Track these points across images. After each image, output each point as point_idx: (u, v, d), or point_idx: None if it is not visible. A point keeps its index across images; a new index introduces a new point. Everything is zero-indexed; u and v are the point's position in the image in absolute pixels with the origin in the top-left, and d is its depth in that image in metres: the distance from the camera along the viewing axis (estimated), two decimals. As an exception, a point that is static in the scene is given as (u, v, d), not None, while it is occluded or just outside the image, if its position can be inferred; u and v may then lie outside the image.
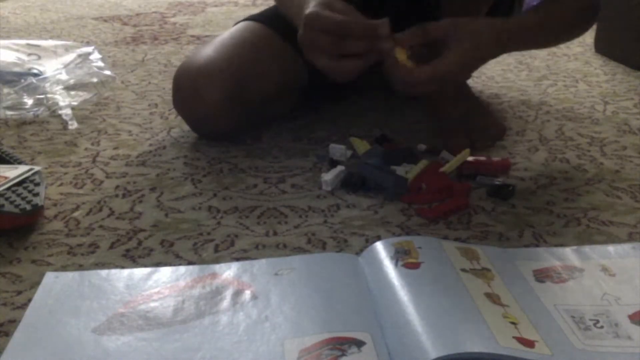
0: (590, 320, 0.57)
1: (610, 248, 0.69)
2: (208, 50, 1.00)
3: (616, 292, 0.61)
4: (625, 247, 0.69)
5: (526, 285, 0.62)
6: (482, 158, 0.91)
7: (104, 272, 0.65)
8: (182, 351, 0.53)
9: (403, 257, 0.63)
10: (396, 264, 0.62)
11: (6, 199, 0.73)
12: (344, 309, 0.57)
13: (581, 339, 0.54)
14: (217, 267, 0.66)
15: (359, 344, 0.52)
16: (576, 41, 1.77)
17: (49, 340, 0.55)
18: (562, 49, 1.68)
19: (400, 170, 0.86)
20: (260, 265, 0.66)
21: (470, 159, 0.89)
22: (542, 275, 0.64)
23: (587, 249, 0.69)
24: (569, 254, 0.68)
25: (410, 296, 0.57)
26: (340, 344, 0.52)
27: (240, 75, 0.97)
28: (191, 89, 0.97)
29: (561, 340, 0.54)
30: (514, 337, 0.52)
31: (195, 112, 0.99)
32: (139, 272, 0.65)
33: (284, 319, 0.56)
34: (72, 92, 1.25)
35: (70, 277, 0.64)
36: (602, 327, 0.56)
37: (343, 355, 0.51)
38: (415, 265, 0.62)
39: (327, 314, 0.56)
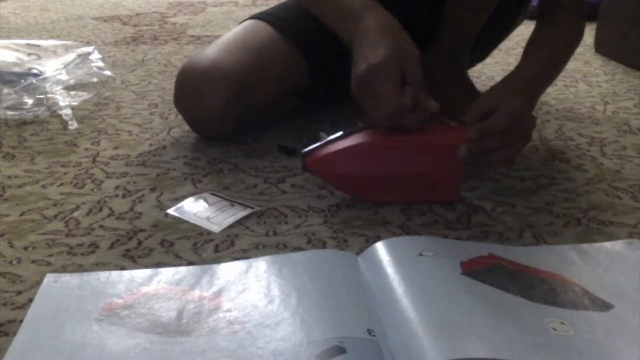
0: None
1: (609, 246, 0.69)
2: (212, 52, 0.99)
3: (614, 289, 0.61)
4: (624, 246, 0.69)
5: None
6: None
7: (104, 274, 0.65)
8: (185, 353, 0.53)
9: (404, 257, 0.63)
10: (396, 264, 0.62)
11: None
12: (344, 309, 0.57)
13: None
14: (217, 267, 0.66)
15: (359, 344, 0.52)
16: (576, 41, 1.77)
17: (50, 342, 0.55)
18: (562, 48, 1.68)
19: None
20: (261, 264, 0.66)
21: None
22: (541, 275, 0.64)
23: (586, 246, 0.69)
24: (569, 252, 0.68)
25: (410, 297, 0.57)
26: (340, 344, 0.52)
27: (244, 79, 0.97)
28: (193, 92, 0.96)
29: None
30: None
31: (196, 115, 0.99)
32: (140, 274, 0.65)
33: (284, 319, 0.56)
34: (72, 92, 1.25)
35: (70, 279, 0.64)
36: None
37: (343, 355, 0.50)
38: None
39: (328, 314, 0.56)
